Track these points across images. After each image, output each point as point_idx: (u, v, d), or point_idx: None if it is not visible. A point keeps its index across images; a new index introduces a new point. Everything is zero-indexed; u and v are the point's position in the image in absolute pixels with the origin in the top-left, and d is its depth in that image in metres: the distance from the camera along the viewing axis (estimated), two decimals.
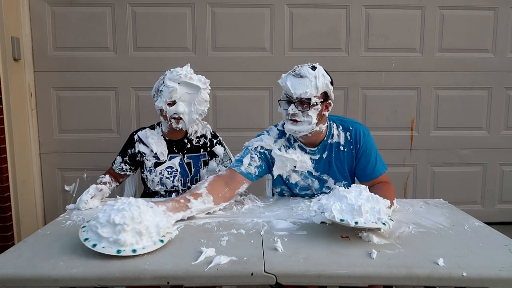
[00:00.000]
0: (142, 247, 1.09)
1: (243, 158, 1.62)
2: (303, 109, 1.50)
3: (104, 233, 1.08)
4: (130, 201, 1.15)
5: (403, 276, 1.02)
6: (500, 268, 1.04)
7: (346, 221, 1.16)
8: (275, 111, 2.94)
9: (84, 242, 1.09)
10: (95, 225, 1.11)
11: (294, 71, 1.53)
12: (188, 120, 1.77)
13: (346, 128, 1.65)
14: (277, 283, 1.03)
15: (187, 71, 1.75)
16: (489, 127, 3.06)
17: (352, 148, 1.64)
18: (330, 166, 1.65)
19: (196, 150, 1.90)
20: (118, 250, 1.07)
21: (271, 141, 1.65)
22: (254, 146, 1.65)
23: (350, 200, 1.21)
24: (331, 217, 1.17)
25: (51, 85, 2.81)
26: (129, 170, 1.87)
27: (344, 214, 1.19)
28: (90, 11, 2.77)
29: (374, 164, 1.63)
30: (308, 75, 1.49)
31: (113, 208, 1.13)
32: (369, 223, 1.17)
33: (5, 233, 2.49)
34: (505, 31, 2.96)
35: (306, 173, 1.66)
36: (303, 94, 1.48)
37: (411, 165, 3.06)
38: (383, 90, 2.98)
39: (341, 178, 1.67)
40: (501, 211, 3.17)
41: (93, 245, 1.08)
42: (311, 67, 1.52)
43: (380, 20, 2.91)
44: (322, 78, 1.50)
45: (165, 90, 1.73)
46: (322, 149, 1.64)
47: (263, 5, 2.84)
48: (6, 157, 2.48)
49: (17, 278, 1.00)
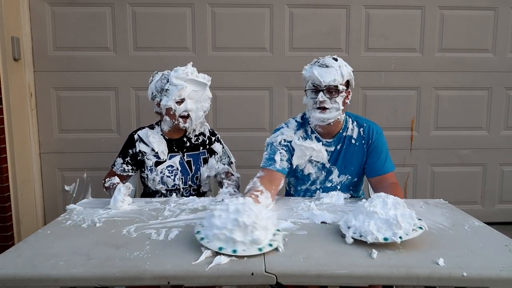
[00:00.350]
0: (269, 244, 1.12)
1: (273, 155, 1.67)
2: (331, 96, 1.58)
3: (239, 237, 1.08)
4: (244, 201, 1.17)
5: (403, 276, 1.02)
6: (500, 268, 1.03)
7: (391, 238, 1.12)
8: (275, 111, 2.94)
9: (221, 251, 1.07)
10: (221, 233, 1.09)
11: (318, 62, 1.60)
12: (194, 118, 1.80)
13: (360, 124, 1.73)
14: (278, 283, 1.03)
15: (192, 69, 1.78)
16: (489, 127, 3.06)
17: (363, 143, 1.70)
18: (339, 158, 1.71)
19: (196, 148, 1.90)
20: (259, 249, 1.09)
21: (291, 132, 1.71)
22: (278, 141, 1.70)
23: (381, 214, 1.17)
24: (373, 240, 1.13)
25: (51, 85, 2.81)
26: (131, 170, 1.87)
27: (385, 232, 1.14)
28: (90, 11, 2.77)
29: (384, 161, 1.68)
30: (333, 64, 1.57)
31: (229, 211, 1.13)
32: (410, 233, 1.14)
33: (5, 233, 2.49)
34: (505, 31, 2.96)
35: (320, 164, 1.71)
36: (332, 82, 1.56)
37: (411, 165, 3.06)
38: (383, 90, 2.98)
39: (346, 172, 1.72)
40: (501, 211, 3.17)
41: (233, 250, 1.08)
42: (333, 58, 1.60)
43: (380, 20, 2.91)
44: (345, 67, 1.60)
45: (173, 89, 1.74)
46: (337, 141, 1.71)
47: (263, 5, 2.84)
48: (6, 157, 2.48)
49: (17, 278, 1.00)
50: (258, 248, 1.09)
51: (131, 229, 1.30)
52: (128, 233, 1.27)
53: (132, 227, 1.32)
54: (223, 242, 1.09)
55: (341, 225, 1.24)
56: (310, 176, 1.72)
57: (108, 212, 1.48)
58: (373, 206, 1.19)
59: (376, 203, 1.20)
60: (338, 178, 1.72)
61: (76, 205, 1.58)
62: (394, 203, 1.20)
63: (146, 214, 1.46)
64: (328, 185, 1.73)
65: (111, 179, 1.80)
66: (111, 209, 1.51)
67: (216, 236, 1.10)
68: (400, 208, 1.19)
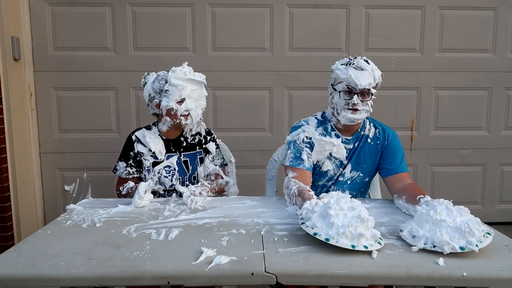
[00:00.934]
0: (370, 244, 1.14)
1: (299, 154, 1.69)
2: (363, 99, 1.62)
3: (366, 232, 1.13)
4: (343, 196, 1.25)
5: (404, 276, 1.02)
6: (500, 268, 1.03)
7: (468, 247, 1.08)
8: (275, 111, 2.94)
9: (355, 249, 1.10)
10: (346, 225, 1.13)
11: (353, 64, 1.61)
12: (194, 116, 1.81)
13: (376, 126, 1.79)
14: (278, 283, 1.03)
15: (189, 69, 1.80)
16: (489, 127, 3.06)
17: (378, 144, 1.74)
18: (355, 155, 1.74)
19: (192, 148, 1.90)
20: (378, 242, 1.14)
21: (312, 129, 1.74)
22: (300, 138, 1.72)
23: (450, 222, 1.13)
24: (450, 250, 1.09)
25: (51, 85, 2.81)
26: (136, 172, 1.87)
27: (458, 240, 1.10)
28: (90, 11, 2.77)
29: (399, 161, 1.71)
30: (367, 68, 1.60)
31: (341, 207, 1.17)
32: (483, 240, 1.11)
33: (5, 233, 2.49)
34: (505, 31, 2.96)
35: (338, 161, 1.74)
36: (367, 85, 1.60)
37: (411, 165, 3.06)
38: (383, 90, 2.95)
39: (358, 168, 1.75)
40: (501, 211, 3.17)
41: (365, 246, 1.11)
42: (365, 61, 1.63)
43: (380, 20, 2.91)
44: (376, 71, 1.64)
45: (173, 89, 1.75)
46: (355, 139, 1.74)
47: (263, 5, 2.84)
48: (6, 157, 2.48)
49: (17, 278, 1.00)
50: (378, 241, 1.14)
51: (131, 229, 1.30)
52: (128, 233, 1.27)
53: (132, 227, 1.32)
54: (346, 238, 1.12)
55: (406, 235, 1.18)
56: (328, 172, 1.75)
57: (108, 212, 1.48)
58: (439, 214, 1.15)
59: (441, 211, 1.15)
60: (349, 174, 1.75)
61: (76, 205, 1.58)
62: (459, 210, 1.16)
63: (146, 214, 1.46)
64: (340, 179, 1.76)
65: (125, 186, 1.79)
66: (131, 207, 1.54)
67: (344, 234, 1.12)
68: (466, 214, 1.16)
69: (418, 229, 1.16)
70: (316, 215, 1.18)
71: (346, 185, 1.76)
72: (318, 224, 1.15)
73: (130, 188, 1.77)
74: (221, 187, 1.86)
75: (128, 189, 1.77)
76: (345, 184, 1.76)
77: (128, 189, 1.78)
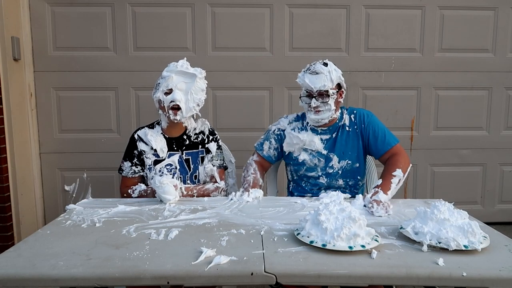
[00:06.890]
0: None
1: (264, 142, 1.92)
2: (323, 100, 1.73)
3: (360, 231, 1.14)
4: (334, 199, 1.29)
5: (403, 276, 1.02)
6: (500, 268, 1.03)
7: (471, 246, 1.11)
8: (275, 110, 2.94)
9: (353, 249, 1.11)
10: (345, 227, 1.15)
11: (309, 70, 1.75)
12: (185, 109, 1.78)
13: (351, 111, 1.88)
14: (277, 283, 1.03)
15: (183, 62, 1.80)
16: (489, 127, 3.06)
17: (356, 128, 1.83)
18: (337, 144, 1.83)
19: (195, 146, 1.90)
20: (375, 240, 1.16)
21: (286, 123, 1.91)
22: (272, 129, 1.92)
23: (453, 221, 1.17)
24: (455, 247, 1.12)
25: (51, 85, 2.81)
26: (141, 170, 1.87)
27: (461, 239, 1.13)
28: (90, 11, 2.77)
29: (384, 138, 1.80)
30: (323, 70, 1.72)
31: (331, 211, 1.19)
32: (484, 240, 1.15)
33: (5, 233, 2.49)
34: (505, 31, 2.96)
35: (315, 152, 1.83)
36: (322, 87, 1.71)
37: (411, 165, 3.05)
38: (383, 90, 2.98)
39: (345, 157, 1.82)
40: (501, 211, 3.17)
41: (362, 245, 1.12)
42: (323, 64, 1.74)
43: (380, 20, 2.91)
44: (334, 72, 1.74)
45: (162, 81, 1.78)
46: (333, 130, 1.84)
47: (263, 5, 2.84)
48: (6, 157, 2.48)
49: (17, 278, 1.00)
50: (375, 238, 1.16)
51: (130, 229, 1.29)
52: (128, 233, 1.27)
53: (132, 227, 1.32)
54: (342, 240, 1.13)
55: (409, 231, 1.20)
56: (305, 162, 1.84)
57: (108, 212, 1.48)
58: (442, 214, 1.19)
59: (443, 210, 1.20)
60: (338, 164, 1.82)
61: (76, 205, 1.58)
62: (459, 212, 1.21)
63: (146, 214, 1.46)
64: (330, 171, 1.83)
65: (135, 188, 1.79)
66: (166, 204, 1.59)
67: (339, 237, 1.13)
68: (466, 217, 1.21)
69: (423, 226, 1.19)
70: (308, 224, 1.20)
71: (338, 175, 1.83)
72: (312, 231, 1.17)
73: (144, 190, 1.77)
74: (205, 193, 1.78)
75: (142, 192, 1.77)
76: (337, 175, 1.83)
77: (141, 192, 1.77)
